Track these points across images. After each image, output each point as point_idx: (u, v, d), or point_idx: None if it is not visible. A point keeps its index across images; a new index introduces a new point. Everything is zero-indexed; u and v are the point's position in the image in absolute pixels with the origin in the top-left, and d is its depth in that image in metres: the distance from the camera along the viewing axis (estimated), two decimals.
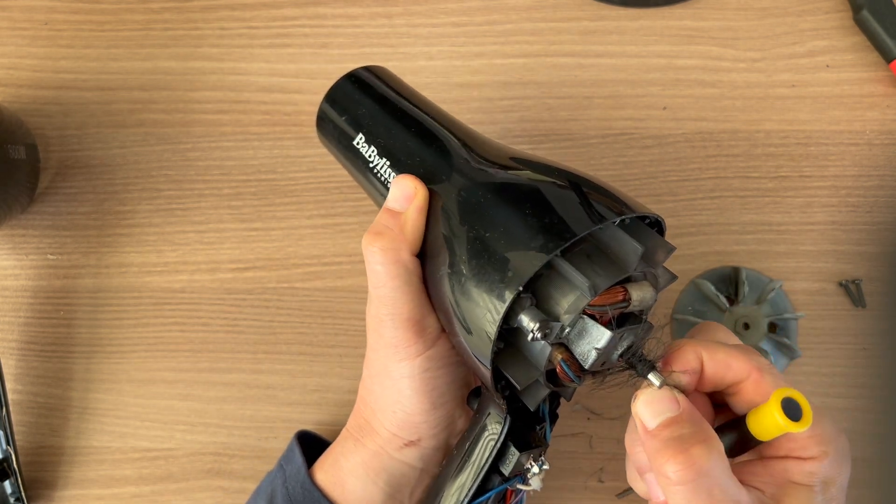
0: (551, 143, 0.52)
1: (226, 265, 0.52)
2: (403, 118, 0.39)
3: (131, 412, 0.51)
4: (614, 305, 0.29)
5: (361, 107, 0.40)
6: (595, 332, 0.29)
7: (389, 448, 0.37)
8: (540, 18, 0.53)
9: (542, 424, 0.36)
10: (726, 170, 0.51)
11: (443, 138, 0.37)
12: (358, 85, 0.41)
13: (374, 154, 0.38)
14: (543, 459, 0.35)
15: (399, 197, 0.34)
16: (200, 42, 0.54)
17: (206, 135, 0.53)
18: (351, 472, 0.38)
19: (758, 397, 0.30)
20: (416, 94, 0.41)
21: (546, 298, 0.30)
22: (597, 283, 0.29)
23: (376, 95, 0.40)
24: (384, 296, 0.34)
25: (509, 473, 0.34)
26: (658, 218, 0.33)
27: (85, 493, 0.50)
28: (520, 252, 0.29)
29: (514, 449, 0.34)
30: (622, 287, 0.30)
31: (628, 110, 0.52)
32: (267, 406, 0.51)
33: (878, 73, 0.51)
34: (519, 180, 0.33)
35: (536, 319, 0.28)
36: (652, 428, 0.29)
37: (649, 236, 0.32)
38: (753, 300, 0.49)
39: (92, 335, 0.52)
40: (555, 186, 0.32)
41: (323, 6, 0.54)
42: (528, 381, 0.31)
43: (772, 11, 0.52)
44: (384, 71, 0.42)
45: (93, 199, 0.53)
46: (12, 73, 0.54)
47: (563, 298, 0.29)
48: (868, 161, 0.51)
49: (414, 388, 0.35)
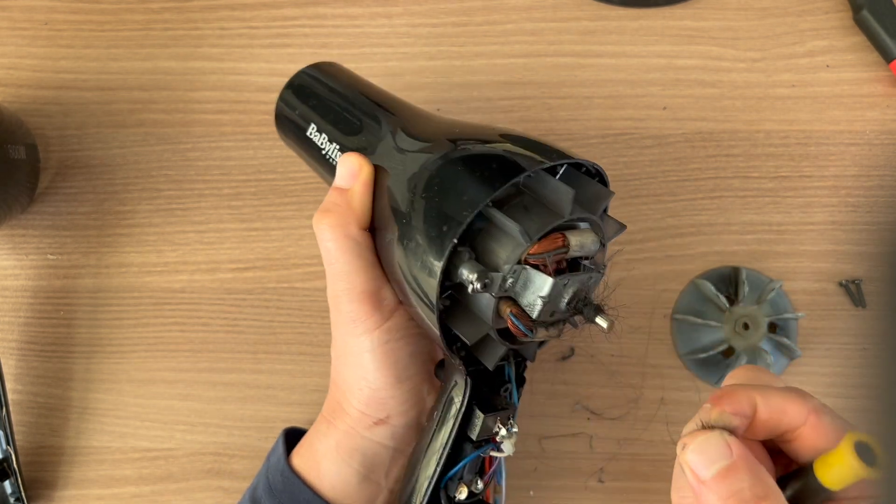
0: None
1: (226, 265, 0.52)
2: (348, 105, 0.41)
3: (131, 412, 0.51)
4: (553, 252, 0.29)
5: (312, 100, 0.42)
6: (538, 280, 0.29)
7: (360, 427, 0.37)
8: (540, 18, 0.53)
9: (507, 386, 0.36)
10: (726, 170, 0.51)
11: (384, 118, 0.39)
12: (309, 81, 0.43)
13: (325, 141, 0.40)
14: (513, 423, 0.35)
15: (345, 174, 0.36)
16: (200, 42, 0.54)
17: (206, 135, 0.53)
18: (325, 454, 0.38)
19: (821, 443, 0.29)
20: (361, 82, 0.43)
21: (486, 252, 0.30)
22: (530, 229, 0.29)
23: (324, 88, 0.43)
24: (338, 271, 0.35)
25: (477, 437, 0.34)
26: (596, 167, 0.33)
27: (85, 493, 0.50)
28: (453, 208, 0.30)
29: (479, 412, 0.34)
30: (560, 234, 0.30)
31: (628, 110, 0.52)
32: (267, 406, 0.51)
33: (878, 73, 0.51)
34: (452, 146, 0.34)
35: (475, 270, 0.29)
36: (706, 479, 0.27)
37: (588, 185, 0.32)
38: (753, 300, 0.49)
39: (92, 335, 0.52)
40: (484, 145, 0.33)
41: (323, 6, 0.54)
42: (477, 336, 0.32)
43: (772, 11, 0.52)
44: (334, 66, 0.45)
45: (93, 199, 0.53)
46: (12, 73, 0.54)
47: (501, 249, 0.30)
48: (868, 161, 0.51)
49: (376, 362, 0.35)
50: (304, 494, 0.37)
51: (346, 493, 0.38)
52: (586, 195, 0.32)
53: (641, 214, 0.51)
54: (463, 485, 0.35)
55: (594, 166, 0.33)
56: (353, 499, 0.38)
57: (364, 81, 0.43)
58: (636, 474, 0.49)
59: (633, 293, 0.50)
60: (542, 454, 0.49)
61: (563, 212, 0.30)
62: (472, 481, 0.35)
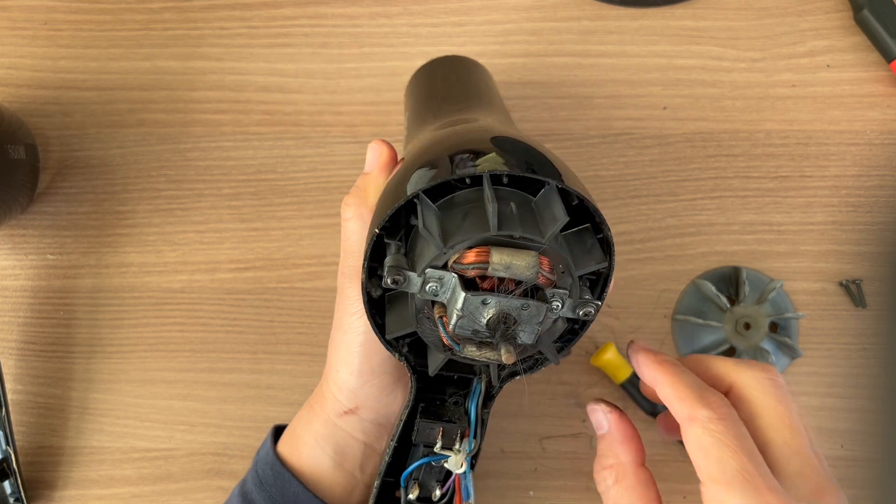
0: (551, 142, 0.52)
1: (225, 265, 0.52)
2: (429, 106, 0.42)
3: (131, 412, 0.51)
4: (472, 266, 0.27)
5: (414, 88, 0.45)
6: (455, 292, 0.28)
7: (332, 414, 0.38)
8: (540, 18, 0.53)
9: (457, 399, 0.35)
10: (727, 170, 0.51)
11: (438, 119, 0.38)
12: (431, 69, 0.46)
13: (405, 126, 0.43)
14: (460, 440, 0.34)
15: (370, 160, 0.37)
16: (200, 42, 0.54)
17: (205, 135, 0.53)
18: (304, 440, 0.39)
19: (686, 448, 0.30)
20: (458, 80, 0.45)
21: (414, 249, 0.29)
22: (449, 237, 0.27)
23: (426, 79, 0.45)
24: (349, 249, 0.37)
25: (415, 440, 0.34)
26: (579, 195, 0.29)
27: (85, 493, 0.50)
28: (390, 198, 0.30)
29: (420, 418, 0.34)
30: (485, 248, 0.27)
31: (628, 110, 0.52)
32: (267, 406, 0.51)
33: (879, 73, 0.51)
34: (436, 136, 0.33)
35: (391, 264, 0.28)
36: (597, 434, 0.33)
37: (555, 206, 0.28)
38: (754, 300, 0.49)
39: (92, 335, 0.52)
40: (464, 139, 0.32)
41: (323, 6, 0.54)
42: (397, 331, 0.31)
43: (772, 11, 0.52)
44: (468, 62, 0.47)
45: (92, 199, 0.53)
46: (12, 72, 0.54)
47: (426, 250, 0.28)
48: (868, 161, 0.51)
49: (360, 345, 0.36)
50: (293, 487, 0.38)
51: (323, 478, 0.38)
52: (547, 217, 0.28)
53: (641, 214, 0.51)
54: (416, 484, 0.35)
55: (577, 193, 0.29)
56: (329, 485, 0.38)
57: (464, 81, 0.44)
58: None
59: (633, 293, 0.50)
60: (542, 454, 0.49)
61: (490, 225, 0.27)
62: (432, 488, 0.35)
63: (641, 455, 0.33)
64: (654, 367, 0.32)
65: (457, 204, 0.29)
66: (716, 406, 0.29)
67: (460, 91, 0.43)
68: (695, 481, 0.52)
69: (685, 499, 0.48)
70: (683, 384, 0.31)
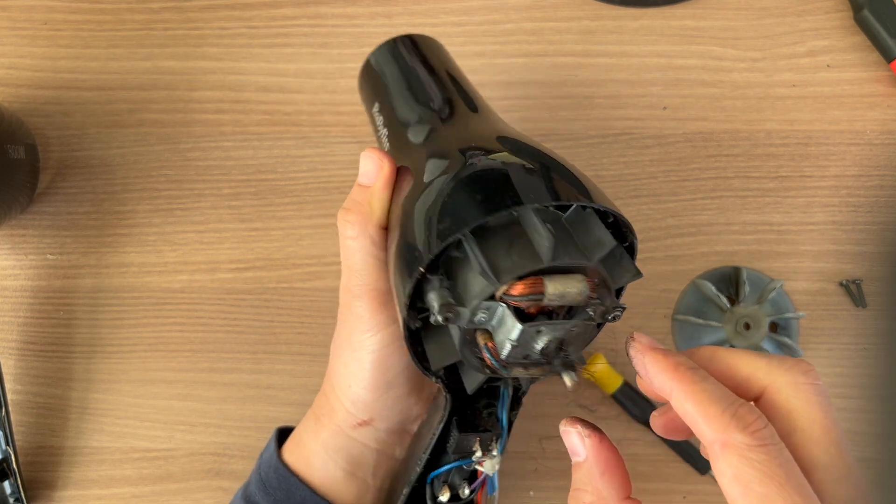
0: (552, 142, 0.52)
1: (225, 265, 0.52)
2: (407, 95, 0.40)
3: (131, 412, 0.51)
4: (526, 297, 0.27)
5: (384, 77, 0.42)
6: (509, 322, 0.28)
7: (345, 426, 0.37)
8: (540, 18, 0.53)
9: (492, 409, 0.35)
10: (727, 170, 0.51)
11: (428, 119, 0.37)
12: (391, 54, 0.42)
13: (381, 123, 0.40)
14: (495, 445, 0.34)
15: (368, 171, 0.35)
16: (200, 42, 0.54)
17: (205, 135, 0.53)
18: (314, 451, 0.38)
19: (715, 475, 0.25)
20: (437, 69, 0.41)
21: (460, 282, 0.29)
22: (502, 270, 0.27)
23: (399, 67, 0.42)
24: (353, 267, 0.35)
25: (453, 453, 0.34)
26: (615, 213, 0.30)
27: (85, 494, 0.50)
28: (431, 232, 0.29)
29: (455, 430, 0.34)
30: (539, 279, 0.27)
31: (628, 110, 0.52)
32: (267, 406, 0.51)
33: (879, 73, 0.51)
34: (461, 159, 0.32)
35: (440, 301, 0.28)
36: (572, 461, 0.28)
37: (595, 228, 0.29)
38: (754, 300, 0.49)
39: (92, 335, 0.52)
40: (491, 167, 0.30)
41: (323, 6, 0.54)
42: (443, 363, 0.31)
43: (772, 11, 0.52)
44: (428, 41, 0.43)
45: (92, 199, 0.53)
46: (12, 72, 0.54)
47: (474, 283, 0.28)
48: (869, 161, 0.51)
49: (372, 362, 0.35)
50: (300, 491, 0.38)
51: (334, 488, 0.38)
52: (590, 238, 0.28)
53: (642, 214, 0.51)
54: (446, 487, 0.35)
55: (612, 211, 0.29)
56: (341, 494, 0.38)
57: (443, 69, 0.42)
58: (636, 475, 0.49)
59: (633, 293, 0.50)
60: (542, 454, 0.49)
61: (543, 258, 0.27)
62: (460, 486, 0.35)
63: (627, 488, 0.27)
64: (669, 375, 0.26)
65: (494, 231, 0.28)
66: (754, 428, 0.24)
67: (439, 83, 0.41)
68: (694, 481, 0.52)
69: (685, 499, 0.48)
70: (710, 399, 0.25)
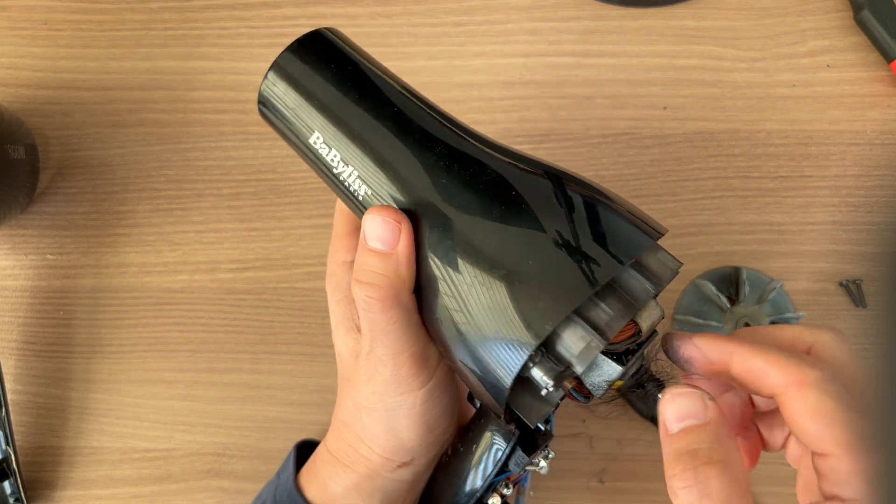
0: (552, 142, 0.52)
1: (225, 265, 0.52)
2: (370, 115, 0.30)
3: (131, 412, 0.51)
4: (625, 342, 0.28)
5: (317, 94, 0.31)
6: (606, 367, 0.28)
7: (383, 471, 0.36)
8: (540, 18, 0.53)
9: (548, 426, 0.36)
10: (727, 170, 0.51)
11: (415, 145, 0.30)
12: (314, 60, 0.31)
13: (336, 160, 0.31)
14: (550, 448, 0.35)
15: (383, 237, 0.30)
16: (200, 42, 0.54)
17: (205, 135, 0.53)
18: (343, 495, 0.37)
19: (791, 420, 0.26)
20: (386, 81, 0.32)
21: (558, 343, 0.28)
22: (608, 328, 0.27)
23: (338, 80, 0.31)
24: (381, 336, 0.32)
25: (515, 470, 0.35)
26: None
27: (85, 494, 0.50)
28: (533, 305, 0.27)
29: (522, 453, 0.34)
30: (632, 322, 0.28)
31: (628, 110, 0.52)
32: (267, 406, 0.51)
33: (879, 73, 0.51)
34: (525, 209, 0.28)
35: (551, 375, 0.27)
36: (673, 432, 0.26)
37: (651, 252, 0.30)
38: (754, 300, 0.49)
39: (91, 335, 0.52)
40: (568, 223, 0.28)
41: (323, 6, 0.54)
42: (539, 419, 0.30)
43: (772, 11, 0.52)
44: (343, 37, 0.33)
45: (92, 199, 0.53)
46: (12, 72, 0.54)
47: (575, 345, 0.27)
48: (869, 161, 0.51)
49: (413, 418, 0.34)
50: None
51: None
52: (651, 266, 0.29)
53: None
54: (496, 494, 0.35)
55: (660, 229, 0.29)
56: None
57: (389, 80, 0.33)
58: (637, 475, 0.49)
59: None
60: None
61: (640, 304, 0.27)
62: (500, 487, 0.36)
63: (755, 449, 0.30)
64: (727, 343, 0.27)
65: None
66: (822, 365, 0.25)
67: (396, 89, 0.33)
68: None
69: None
70: (774, 350, 0.26)
